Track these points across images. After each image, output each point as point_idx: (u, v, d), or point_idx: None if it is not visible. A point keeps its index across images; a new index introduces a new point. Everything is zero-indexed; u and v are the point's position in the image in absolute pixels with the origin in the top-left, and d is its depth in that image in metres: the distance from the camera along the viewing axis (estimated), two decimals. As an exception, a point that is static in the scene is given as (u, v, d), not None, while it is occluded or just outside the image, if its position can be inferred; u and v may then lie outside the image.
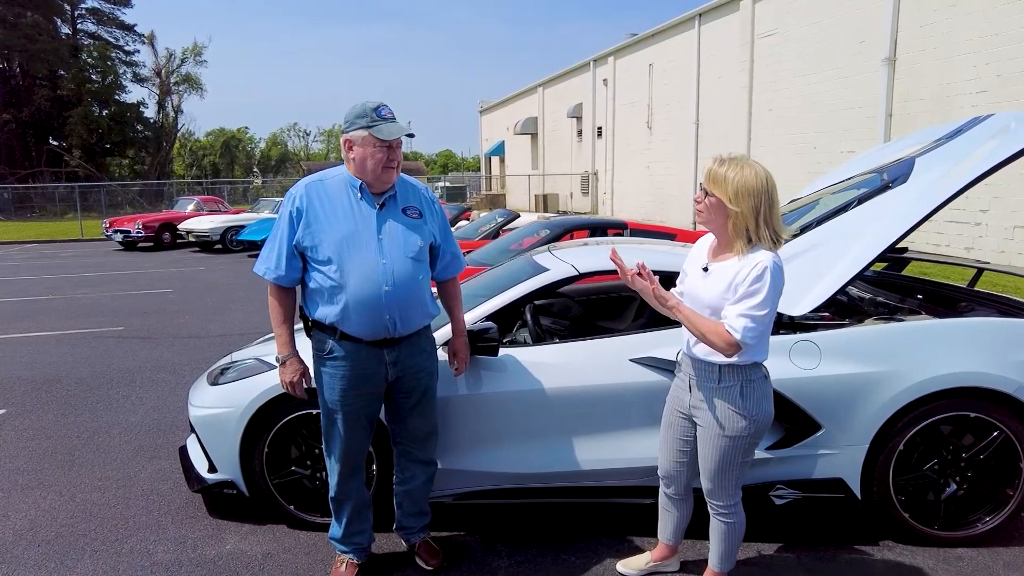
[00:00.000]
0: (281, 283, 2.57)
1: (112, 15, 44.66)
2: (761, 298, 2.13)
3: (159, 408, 4.93)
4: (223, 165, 63.91)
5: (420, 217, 2.61)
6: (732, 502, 2.41)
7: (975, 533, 2.94)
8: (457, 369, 2.83)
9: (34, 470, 3.91)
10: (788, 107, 16.13)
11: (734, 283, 2.18)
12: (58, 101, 40.96)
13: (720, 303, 2.21)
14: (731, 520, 2.43)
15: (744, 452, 2.33)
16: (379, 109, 2.47)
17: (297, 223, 2.51)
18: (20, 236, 22.36)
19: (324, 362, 2.57)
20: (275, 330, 2.63)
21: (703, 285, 2.29)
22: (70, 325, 8.07)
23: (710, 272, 2.28)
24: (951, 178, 3.01)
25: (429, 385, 2.71)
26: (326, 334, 2.55)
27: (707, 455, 2.36)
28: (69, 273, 13.28)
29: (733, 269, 2.19)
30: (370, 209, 2.53)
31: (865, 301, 3.72)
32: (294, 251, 2.52)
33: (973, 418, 2.87)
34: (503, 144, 38.46)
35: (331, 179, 2.57)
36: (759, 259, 2.15)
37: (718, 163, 2.20)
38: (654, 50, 22.39)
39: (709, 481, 2.39)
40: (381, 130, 2.44)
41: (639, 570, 2.76)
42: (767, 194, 2.15)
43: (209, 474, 3.19)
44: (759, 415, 2.28)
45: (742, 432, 2.28)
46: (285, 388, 2.66)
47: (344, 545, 2.77)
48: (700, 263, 2.35)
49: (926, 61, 12.52)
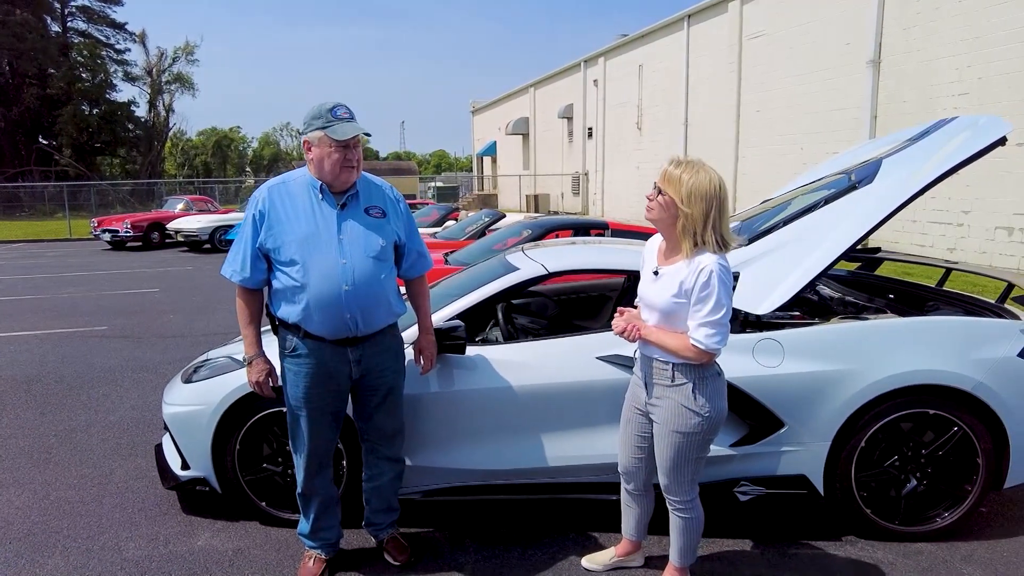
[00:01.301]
0: (247, 285, 2.60)
1: (103, 13, 44.41)
2: (713, 302, 2.20)
3: (139, 407, 4.94)
4: (215, 164, 63.68)
5: (383, 216, 2.64)
6: (688, 497, 2.45)
7: (935, 528, 3.00)
8: (423, 367, 2.86)
9: (9, 468, 3.92)
10: (776, 108, 16.24)
11: (683, 288, 2.23)
12: (48, 100, 40.70)
13: (671, 306, 2.27)
14: (689, 515, 2.47)
15: (699, 448, 2.37)
16: (335, 109, 2.49)
17: (260, 226, 2.53)
18: (7, 236, 22.22)
19: (289, 360, 2.60)
20: (242, 331, 2.66)
21: (654, 289, 2.35)
22: (53, 325, 8.05)
23: (660, 276, 2.33)
24: (914, 178, 3.07)
25: (394, 384, 2.74)
26: (290, 332, 2.58)
27: (663, 452, 2.41)
28: (54, 273, 13.23)
29: (681, 273, 2.25)
30: (331, 209, 2.55)
31: (834, 300, 3.78)
32: (258, 253, 2.55)
33: (932, 415, 2.92)
34: (495, 144, 38.51)
35: (294, 181, 2.60)
36: (704, 263, 2.20)
37: (674, 164, 2.25)
38: (644, 51, 22.48)
39: (665, 477, 2.44)
40: (336, 130, 2.46)
41: (604, 565, 2.80)
42: (718, 199, 2.20)
43: (182, 471, 3.21)
44: (712, 412, 2.33)
45: (695, 429, 2.33)
46: (252, 387, 2.69)
47: (312, 541, 2.80)
48: (651, 267, 2.40)
49: (909, 63, 12.64)
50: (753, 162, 17.31)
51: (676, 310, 2.27)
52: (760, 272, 3.13)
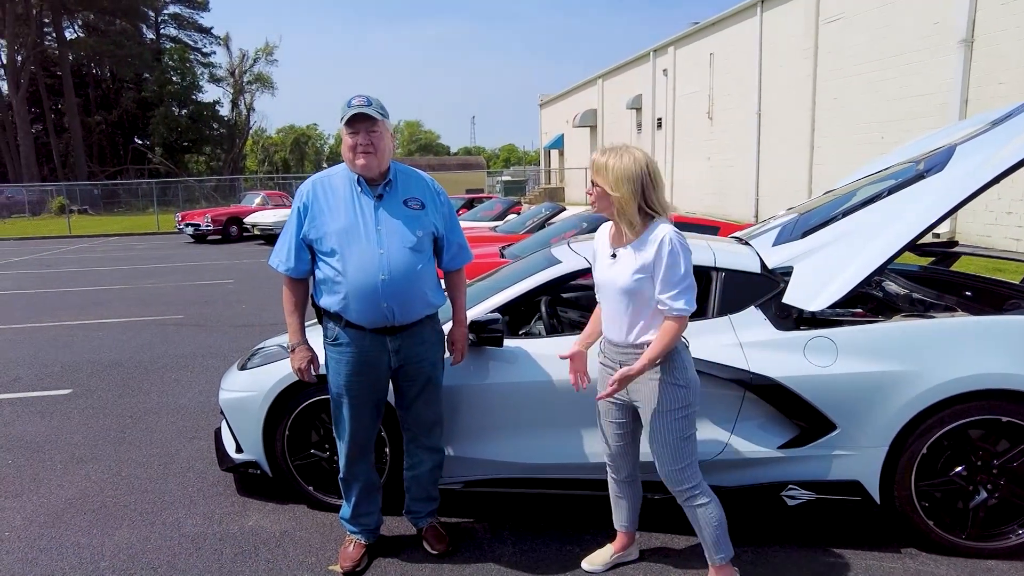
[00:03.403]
0: (292, 275, 2.69)
1: (191, 19, 47.03)
2: (680, 269, 2.28)
3: (205, 392, 5.21)
4: (293, 161, 66.25)
5: (422, 208, 2.67)
6: (694, 482, 2.42)
7: (1007, 545, 2.77)
8: (454, 358, 2.88)
9: (89, 445, 4.22)
10: (854, 96, 15.39)
11: (644, 264, 2.30)
12: (142, 102, 43.51)
13: (631, 284, 2.32)
14: (702, 501, 2.43)
15: (687, 424, 2.39)
16: (350, 100, 2.56)
17: (304, 217, 2.62)
18: (104, 230, 23.93)
19: (331, 348, 2.69)
20: (286, 319, 2.76)
21: (614, 272, 2.38)
22: (136, 313, 8.61)
23: (618, 258, 2.38)
24: (988, 165, 2.82)
25: (432, 375, 2.77)
26: (332, 321, 2.66)
27: (655, 437, 2.40)
28: (141, 264, 14.14)
29: (638, 250, 2.32)
30: (369, 201, 2.61)
31: (901, 297, 3.55)
32: (302, 244, 2.64)
33: (1006, 423, 2.70)
34: (562, 137, 38.28)
35: (336, 174, 2.69)
36: (659, 234, 2.29)
37: (600, 153, 2.34)
38: (715, 39, 21.77)
39: (664, 465, 2.42)
40: (346, 116, 2.54)
41: (604, 564, 2.77)
42: (646, 176, 2.28)
43: (236, 454, 3.36)
44: (689, 382, 2.38)
45: (681, 402, 2.36)
46: (295, 374, 2.77)
47: (353, 525, 2.87)
48: (607, 252, 2.44)
49: (1007, 41, 11.69)
50: (829, 152, 16.48)
51: (639, 287, 2.32)
52: (815, 267, 2.97)
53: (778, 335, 2.87)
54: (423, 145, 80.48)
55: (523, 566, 2.81)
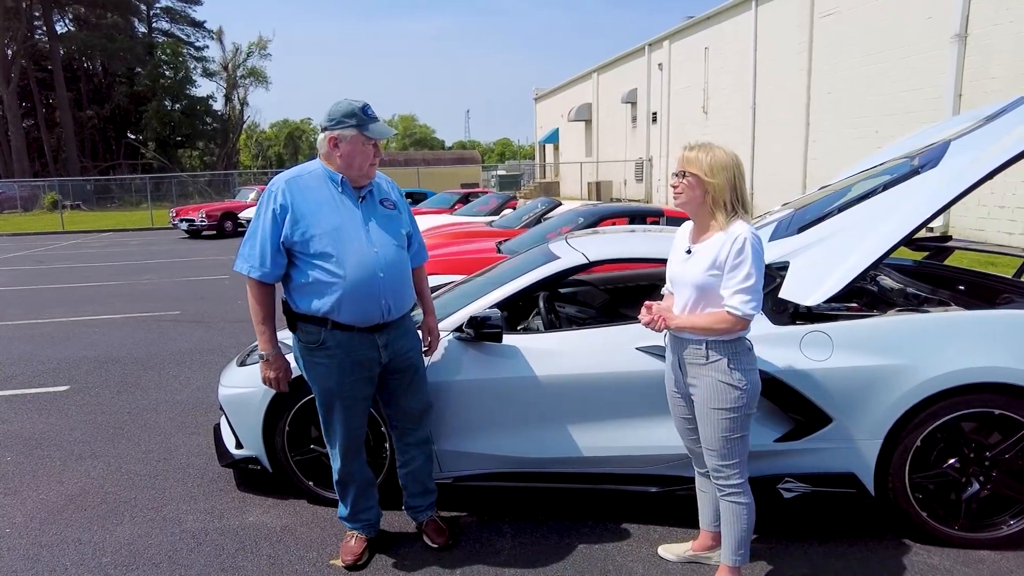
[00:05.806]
0: (265, 280, 2.61)
1: (184, 13, 46.65)
2: (747, 269, 2.25)
3: (203, 388, 5.22)
4: (287, 155, 65.98)
5: (395, 208, 2.75)
6: (740, 480, 2.43)
7: (999, 535, 2.82)
8: (432, 345, 2.94)
9: (88, 441, 4.22)
10: (849, 90, 15.44)
11: (718, 259, 2.29)
12: (135, 97, 43.21)
13: (704, 279, 2.31)
14: (743, 500, 2.44)
15: (742, 425, 2.38)
16: (366, 108, 2.59)
17: (282, 220, 2.54)
18: (97, 225, 23.80)
19: (316, 354, 2.64)
20: (257, 327, 2.67)
21: (686, 267, 2.39)
22: (132, 309, 8.59)
23: (693, 254, 2.38)
24: (982, 161, 2.86)
25: (418, 363, 2.84)
26: (316, 326, 2.61)
27: (707, 432, 2.42)
28: (136, 260, 14.08)
29: (716, 245, 2.30)
30: (353, 202, 2.63)
31: (895, 292, 3.59)
32: (279, 247, 2.57)
33: (998, 415, 2.74)
34: (557, 131, 38.25)
35: (308, 174, 2.63)
36: (738, 231, 2.27)
37: (688, 148, 2.36)
38: (710, 33, 21.78)
39: (714, 459, 2.43)
40: (371, 129, 2.57)
41: (678, 556, 2.78)
42: (738, 168, 2.32)
43: (236, 450, 3.38)
44: (749, 385, 2.36)
45: (736, 403, 2.35)
46: (266, 384, 2.75)
47: (352, 523, 2.89)
48: (683, 248, 2.45)
49: (1000, 36, 11.74)
50: (824, 146, 16.53)
51: (711, 284, 2.30)
52: (810, 262, 3.00)
53: (774, 330, 2.90)
54: (418, 139, 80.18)
55: (523, 558, 2.84)
